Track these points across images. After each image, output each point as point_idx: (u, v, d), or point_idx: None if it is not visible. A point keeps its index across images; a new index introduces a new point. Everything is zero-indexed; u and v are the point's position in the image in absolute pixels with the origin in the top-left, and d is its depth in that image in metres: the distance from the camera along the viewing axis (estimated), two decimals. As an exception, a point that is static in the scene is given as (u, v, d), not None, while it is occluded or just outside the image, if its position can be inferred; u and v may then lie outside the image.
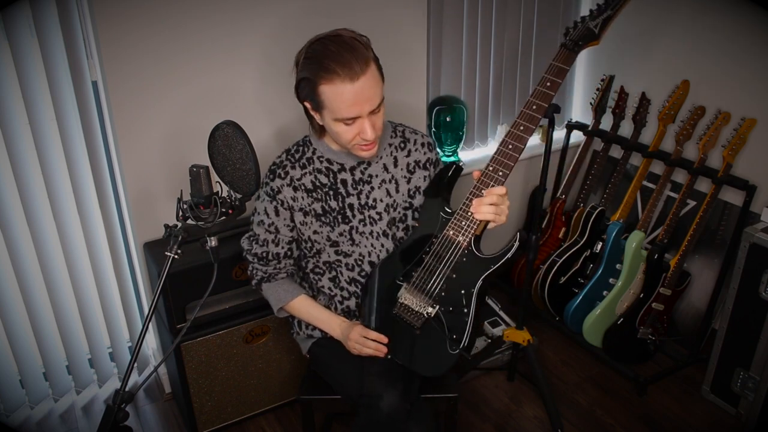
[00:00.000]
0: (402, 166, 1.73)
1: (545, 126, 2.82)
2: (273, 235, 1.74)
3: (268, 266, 1.78)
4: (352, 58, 1.46)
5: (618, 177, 2.73)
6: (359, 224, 1.71)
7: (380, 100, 1.54)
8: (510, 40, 2.80)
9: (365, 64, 1.47)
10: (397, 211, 1.73)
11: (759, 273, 2.16)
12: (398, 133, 1.76)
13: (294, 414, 2.34)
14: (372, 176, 1.71)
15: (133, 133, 2.02)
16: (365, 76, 1.47)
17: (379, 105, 1.54)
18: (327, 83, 1.48)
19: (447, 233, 1.60)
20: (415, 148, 1.75)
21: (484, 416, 2.36)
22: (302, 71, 1.53)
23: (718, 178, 2.41)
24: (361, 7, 2.21)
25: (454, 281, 1.61)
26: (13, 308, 2.20)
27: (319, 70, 1.48)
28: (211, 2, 1.98)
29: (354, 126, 1.54)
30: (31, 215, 2.10)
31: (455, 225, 1.59)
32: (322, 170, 1.70)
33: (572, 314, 2.61)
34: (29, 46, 1.91)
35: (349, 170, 1.70)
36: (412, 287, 1.64)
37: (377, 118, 1.56)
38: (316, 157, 1.70)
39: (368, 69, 1.48)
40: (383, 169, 1.72)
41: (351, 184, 1.70)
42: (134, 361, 1.54)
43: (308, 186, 1.70)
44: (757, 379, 2.21)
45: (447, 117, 2.66)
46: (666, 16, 2.62)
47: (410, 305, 1.64)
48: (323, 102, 1.52)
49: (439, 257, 1.61)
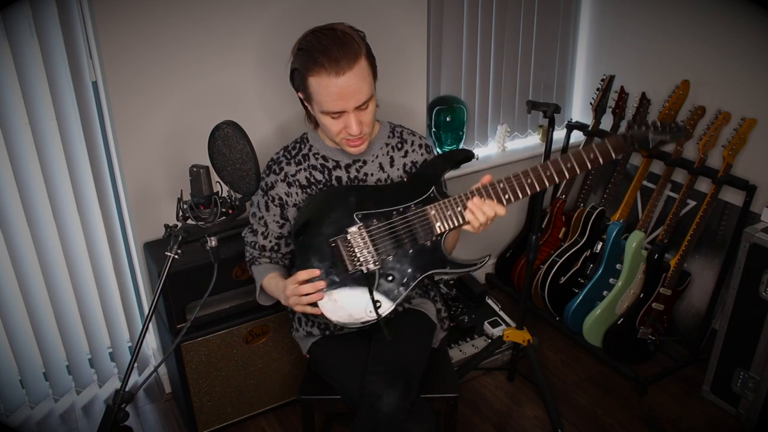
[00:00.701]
0: (398, 166, 1.74)
1: (545, 126, 2.82)
2: (263, 228, 1.76)
3: (255, 250, 1.80)
4: (340, 52, 1.48)
5: (618, 177, 2.73)
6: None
7: (368, 96, 1.55)
8: (510, 40, 2.80)
9: (353, 59, 1.49)
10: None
11: (759, 273, 2.16)
12: (396, 134, 1.77)
13: (294, 414, 2.34)
14: (367, 174, 1.72)
15: (133, 133, 2.02)
16: (352, 71, 1.49)
17: (367, 102, 1.55)
18: (314, 76, 1.51)
19: (428, 211, 1.56)
20: (412, 149, 1.76)
21: (484, 416, 2.36)
22: (295, 62, 1.57)
23: (718, 178, 2.41)
24: (361, 7, 2.21)
25: (407, 256, 1.58)
26: (13, 308, 2.20)
27: (308, 62, 1.51)
28: (211, 2, 1.98)
29: (340, 120, 1.56)
30: (31, 215, 2.10)
31: (440, 209, 1.55)
32: (317, 167, 1.71)
33: (572, 314, 2.61)
34: (29, 46, 1.91)
35: (345, 167, 1.71)
36: (367, 233, 1.58)
37: (365, 114, 1.57)
38: (312, 153, 1.72)
39: (356, 64, 1.49)
40: (379, 168, 1.73)
41: (345, 181, 1.71)
42: (134, 361, 1.54)
43: (303, 182, 1.71)
44: (757, 379, 2.21)
45: (447, 117, 2.66)
46: (666, 16, 2.62)
47: (354, 248, 1.58)
48: (311, 94, 1.55)
49: (408, 227, 1.57)
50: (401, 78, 2.40)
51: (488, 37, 2.73)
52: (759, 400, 2.18)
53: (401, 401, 1.56)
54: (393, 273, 1.59)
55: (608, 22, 2.88)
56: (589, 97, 2.90)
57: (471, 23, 2.66)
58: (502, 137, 2.93)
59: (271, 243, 1.77)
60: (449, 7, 2.57)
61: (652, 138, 1.52)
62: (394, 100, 2.40)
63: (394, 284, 1.59)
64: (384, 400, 1.55)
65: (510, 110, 2.95)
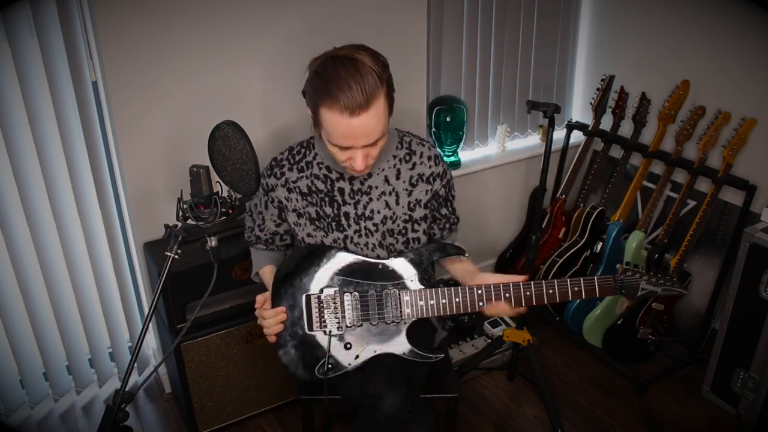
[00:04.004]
0: (404, 179, 1.69)
1: (545, 126, 2.82)
2: (260, 221, 1.77)
3: (251, 235, 1.82)
4: (358, 90, 1.40)
5: (618, 177, 2.73)
6: (354, 234, 1.68)
7: (380, 136, 1.49)
8: (510, 40, 2.80)
9: (370, 100, 1.42)
10: (396, 223, 1.70)
11: (759, 273, 2.16)
12: (404, 144, 1.70)
13: (294, 414, 2.34)
14: (371, 187, 1.67)
15: (133, 133, 2.02)
16: (367, 113, 1.43)
17: (378, 140, 1.50)
18: (327, 109, 1.44)
19: (402, 296, 1.60)
20: (420, 161, 1.70)
21: (484, 416, 2.36)
22: (309, 84, 1.50)
23: (718, 178, 2.41)
24: (362, 7, 2.21)
25: (370, 332, 1.62)
26: (13, 308, 2.20)
27: (322, 93, 1.44)
28: (211, 2, 1.98)
29: (347, 151, 1.51)
30: (31, 215, 2.10)
31: (415, 297, 1.61)
32: (320, 176, 1.67)
33: (572, 314, 2.61)
34: (29, 46, 1.91)
35: (348, 180, 1.67)
36: (340, 299, 1.62)
37: (373, 149, 1.53)
38: (315, 162, 1.68)
39: (372, 106, 1.43)
40: (384, 181, 1.67)
41: (348, 193, 1.67)
42: (134, 361, 1.55)
43: (303, 190, 1.68)
44: (757, 379, 2.21)
45: (447, 117, 2.66)
46: (666, 16, 2.62)
47: (324, 310, 1.62)
48: (321, 122, 1.49)
49: (380, 305, 1.61)
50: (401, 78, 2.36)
51: (488, 37, 2.73)
52: (759, 400, 2.18)
53: (403, 401, 1.56)
54: (351, 342, 1.62)
55: (608, 22, 2.88)
56: (589, 97, 2.90)
57: (471, 23, 2.66)
58: (502, 137, 2.92)
59: (266, 236, 1.78)
60: (449, 7, 2.57)
61: (642, 287, 1.56)
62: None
63: (349, 354, 1.62)
64: (386, 401, 1.55)
65: (510, 110, 2.95)
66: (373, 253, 1.70)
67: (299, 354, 1.63)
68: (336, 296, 1.62)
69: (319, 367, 1.62)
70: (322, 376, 1.61)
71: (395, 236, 1.71)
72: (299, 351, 1.63)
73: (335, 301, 1.62)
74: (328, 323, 1.62)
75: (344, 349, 1.62)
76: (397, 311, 1.61)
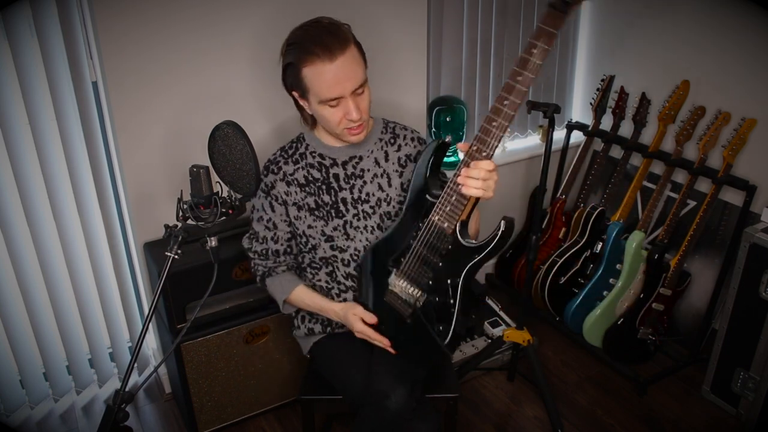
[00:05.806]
0: (393, 161, 1.75)
1: (545, 126, 2.83)
2: (272, 232, 1.76)
3: (268, 260, 1.80)
4: (331, 38, 1.50)
5: (618, 177, 2.73)
6: (353, 218, 1.72)
7: (363, 80, 1.56)
8: (510, 41, 2.80)
9: (344, 45, 1.51)
10: (391, 205, 1.74)
11: (759, 273, 2.16)
12: (389, 129, 1.78)
13: (294, 414, 2.34)
14: (364, 170, 1.73)
15: (133, 133, 2.02)
16: (344, 55, 1.51)
17: (362, 86, 1.57)
18: (308, 65, 1.52)
19: (432, 218, 1.55)
20: (405, 142, 1.77)
21: (484, 416, 2.36)
22: (286, 58, 1.58)
23: (718, 178, 2.41)
24: (362, 7, 2.21)
25: (440, 270, 1.56)
26: (13, 308, 2.20)
27: (301, 53, 1.52)
28: (211, 2, 1.98)
29: (339, 108, 1.57)
30: (31, 215, 2.10)
31: (440, 209, 1.53)
32: (314, 165, 1.72)
33: (572, 314, 2.61)
34: (29, 46, 1.91)
35: (341, 165, 1.72)
36: (402, 274, 1.62)
37: (361, 99, 1.59)
38: (308, 152, 1.73)
39: (348, 49, 1.52)
40: (375, 164, 1.73)
41: (343, 178, 1.72)
42: (134, 361, 1.54)
43: (301, 180, 1.72)
44: (757, 379, 2.21)
45: (447, 117, 2.66)
46: (666, 16, 2.62)
47: (399, 293, 1.62)
48: (307, 85, 1.55)
49: (426, 243, 1.57)
50: (401, 78, 2.40)
51: (488, 37, 2.73)
52: (759, 400, 2.18)
53: (408, 399, 1.57)
54: (437, 294, 1.59)
55: (608, 23, 2.88)
56: (589, 97, 2.90)
57: (471, 23, 2.66)
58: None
59: (284, 246, 1.77)
60: (449, 7, 2.57)
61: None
62: (394, 100, 2.40)
63: (444, 305, 1.58)
64: (392, 398, 1.56)
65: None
66: (372, 235, 1.73)
67: (412, 342, 1.66)
68: (397, 273, 1.63)
69: (437, 339, 1.60)
70: (445, 347, 1.60)
71: (393, 218, 1.74)
72: (411, 341, 1.66)
73: (399, 280, 1.63)
74: (410, 298, 1.61)
75: (438, 304, 1.59)
76: (440, 232, 1.53)
